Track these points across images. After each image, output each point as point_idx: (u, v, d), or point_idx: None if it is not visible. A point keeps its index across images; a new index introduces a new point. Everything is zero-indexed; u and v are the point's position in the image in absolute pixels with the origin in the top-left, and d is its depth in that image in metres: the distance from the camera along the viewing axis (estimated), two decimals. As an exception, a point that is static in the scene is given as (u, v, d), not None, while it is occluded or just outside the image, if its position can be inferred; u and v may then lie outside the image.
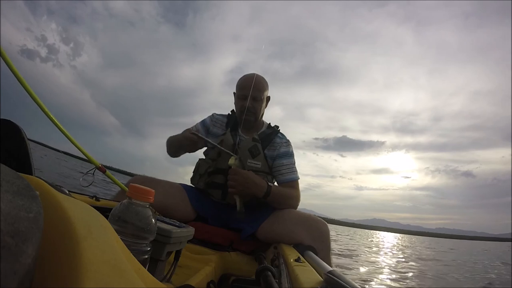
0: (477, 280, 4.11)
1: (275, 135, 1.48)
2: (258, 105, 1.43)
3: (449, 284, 3.60)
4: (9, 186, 0.26)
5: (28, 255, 0.26)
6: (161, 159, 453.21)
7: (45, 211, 0.26)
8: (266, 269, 0.59)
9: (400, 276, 3.59)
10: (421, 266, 4.96)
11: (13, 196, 0.26)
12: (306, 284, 0.55)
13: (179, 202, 1.32)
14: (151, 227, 0.49)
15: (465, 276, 4.37)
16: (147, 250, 0.49)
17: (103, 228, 0.32)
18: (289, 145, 1.47)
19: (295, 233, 1.16)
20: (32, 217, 0.26)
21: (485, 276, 4.61)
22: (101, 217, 0.34)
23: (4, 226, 0.26)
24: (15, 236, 0.26)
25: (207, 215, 1.37)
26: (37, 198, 0.26)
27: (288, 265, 0.74)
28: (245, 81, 1.44)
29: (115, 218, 0.46)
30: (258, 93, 1.41)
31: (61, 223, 0.29)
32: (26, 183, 0.27)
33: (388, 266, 4.52)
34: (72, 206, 0.32)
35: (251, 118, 1.43)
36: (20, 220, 0.26)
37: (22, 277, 0.26)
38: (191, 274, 0.81)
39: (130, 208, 0.47)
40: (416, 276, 3.78)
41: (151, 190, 0.49)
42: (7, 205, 0.26)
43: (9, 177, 0.26)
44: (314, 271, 0.66)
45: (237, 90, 1.48)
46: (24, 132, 0.78)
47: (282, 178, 1.41)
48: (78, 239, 0.27)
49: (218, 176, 1.39)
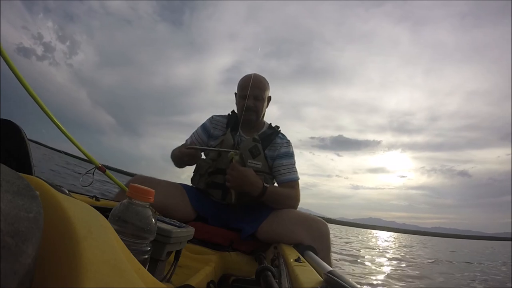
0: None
1: (275, 136, 1.48)
2: (259, 104, 1.44)
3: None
4: (9, 186, 0.26)
5: (28, 255, 0.26)
6: (157, 158, 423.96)
7: (45, 211, 0.26)
8: (266, 269, 0.59)
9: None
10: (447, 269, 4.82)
11: (13, 196, 0.26)
12: (306, 284, 0.55)
13: (179, 202, 1.32)
14: (151, 227, 0.49)
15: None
16: (147, 250, 0.49)
17: (103, 228, 0.32)
18: (290, 146, 1.47)
19: (295, 233, 1.16)
20: (32, 217, 0.26)
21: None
22: (101, 217, 0.34)
23: (4, 226, 0.26)
24: (15, 236, 0.26)
25: (207, 215, 1.37)
26: (37, 198, 0.26)
27: (288, 265, 0.74)
28: (246, 81, 1.44)
29: (115, 218, 0.46)
30: (259, 92, 1.42)
31: (61, 223, 0.29)
32: (26, 183, 0.27)
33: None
34: (72, 206, 0.32)
35: (252, 117, 1.44)
36: (20, 220, 0.26)
37: (22, 277, 0.26)
38: (191, 274, 0.81)
39: (130, 208, 0.47)
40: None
41: (151, 190, 0.49)
42: (7, 205, 0.26)
43: (9, 177, 0.26)
44: (314, 271, 0.66)
45: (239, 90, 1.48)
46: (24, 132, 0.78)
47: (281, 178, 1.41)
48: (78, 239, 0.27)
49: (218, 176, 1.39)
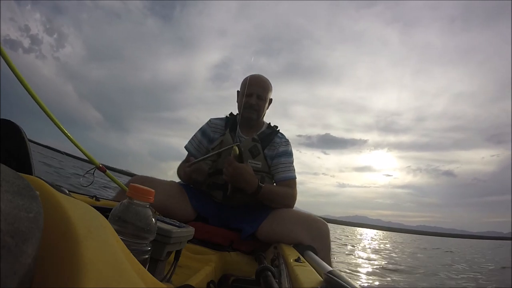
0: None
1: (274, 135, 1.50)
2: (262, 103, 1.46)
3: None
4: (9, 186, 0.26)
5: (28, 255, 0.26)
6: (144, 154, 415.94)
7: (45, 211, 0.26)
8: (266, 269, 0.59)
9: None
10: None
11: (13, 196, 0.26)
12: (306, 284, 0.55)
13: (179, 202, 1.32)
14: (151, 227, 0.49)
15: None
16: (147, 250, 0.49)
17: (103, 228, 0.32)
18: (288, 144, 1.49)
19: (295, 233, 1.16)
20: (32, 217, 0.26)
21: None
22: (101, 217, 0.34)
23: (4, 226, 0.26)
24: (15, 236, 0.26)
25: (207, 215, 1.37)
26: (37, 198, 0.26)
27: (288, 265, 0.74)
28: (251, 79, 1.47)
29: (115, 218, 0.46)
30: (262, 91, 1.45)
31: (61, 223, 0.29)
32: (26, 183, 0.27)
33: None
34: (72, 206, 0.32)
35: (253, 115, 1.45)
36: (20, 220, 0.26)
37: (22, 277, 0.26)
38: (191, 274, 0.81)
39: (130, 208, 0.47)
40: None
41: (151, 190, 0.49)
42: (7, 205, 0.26)
43: (9, 177, 0.26)
44: (314, 271, 0.66)
45: (243, 87, 1.49)
46: (24, 132, 0.78)
47: (278, 176, 1.41)
48: (78, 239, 0.27)
49: (219, 177, 1.38)
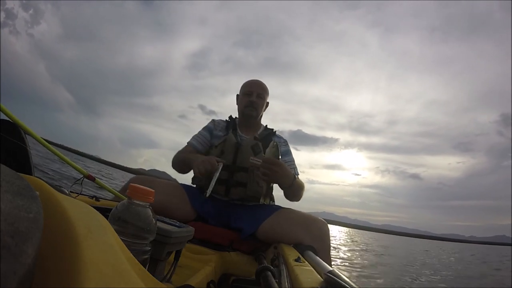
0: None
1: (273, 136, 1.58)
2: (260, 102, 1.56)
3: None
4: (9, 186, 0.26)
5: (28, 255, 0.26)
6: (114, 140, 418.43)
7: (45, 211, 0.26)
8: (266, 269, 0.59)
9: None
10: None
11: (13, 196, 0.26)
12: (306, 284, 0.55)
13: (179, 202, 1.33)
14: (151, 227, 0.49)
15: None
16: (147, 250, 0.49)
17: (103, 228, 0.32)
18: (287, 144, 1.60)
19: (294, 232, 1.16)
20: (32, 217, 0.26)
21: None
22: (101, 217, 0.34)
23: (4, 226, 0.26)
24: (15, 236, 0.26)
25: (207, 215, 1.37)
26: (37, 198, 0.26)
27: (288, 265, 0.74)
28: (252, 81, 1.63)
29: (115, 218, 0.46)
30: (262, 91, 1.58)
31: (61, 223, 0.29)
32: (26, 183, 0.27)
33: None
34: (72, 206, 0.32)
35: (253, 112, 1.54)
36: (20, 220, 0.26)
37: (22, 277, 0.26)
38: (191, 274, 0.81)
39: (130, 208, 0.47)
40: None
41: (151, 190, 0.49)
42: (7, 205, 0.26)
43: (9, 177, 0.26)
44: (314, 271, 0.66)
45: (244, 87, 1.60)
46: (24, 132, 0.78)
47: None
48: (78, 239, 0.27)
49: (221, 173, 1.39)
